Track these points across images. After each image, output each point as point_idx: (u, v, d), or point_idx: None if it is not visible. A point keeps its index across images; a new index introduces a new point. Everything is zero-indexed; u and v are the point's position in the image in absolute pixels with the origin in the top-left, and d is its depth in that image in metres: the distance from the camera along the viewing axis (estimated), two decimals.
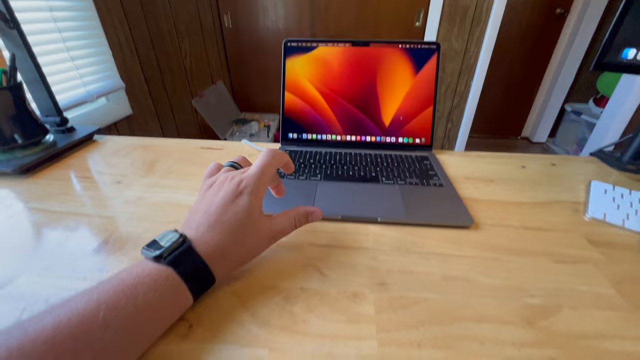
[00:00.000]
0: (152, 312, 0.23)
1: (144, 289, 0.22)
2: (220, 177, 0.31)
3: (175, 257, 0.25)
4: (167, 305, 0.24)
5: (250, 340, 0.25)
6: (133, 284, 0.22)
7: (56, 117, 0.59)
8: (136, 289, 0.22)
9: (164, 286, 0.23)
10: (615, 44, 0.45)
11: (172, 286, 0.24)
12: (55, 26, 0.82)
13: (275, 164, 0.31)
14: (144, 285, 0.23)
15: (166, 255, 0.24)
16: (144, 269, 0.24)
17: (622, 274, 0.32)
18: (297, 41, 0.56)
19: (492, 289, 0.30)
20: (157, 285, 0.23)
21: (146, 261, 0.25)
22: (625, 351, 0.24)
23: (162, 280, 0.23)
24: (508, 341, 0.25)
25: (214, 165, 0.34)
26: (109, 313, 0.20)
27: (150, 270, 0.24)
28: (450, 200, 0.42)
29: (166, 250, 0.25)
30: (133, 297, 0.22)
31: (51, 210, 0.42)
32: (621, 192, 0.44)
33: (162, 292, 0.23)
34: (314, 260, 0.33)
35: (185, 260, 0.25)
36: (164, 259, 0.24)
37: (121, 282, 0.22)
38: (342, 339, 0.25)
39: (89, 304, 0.20)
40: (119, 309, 0.21)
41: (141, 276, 0.23)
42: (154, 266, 0.24)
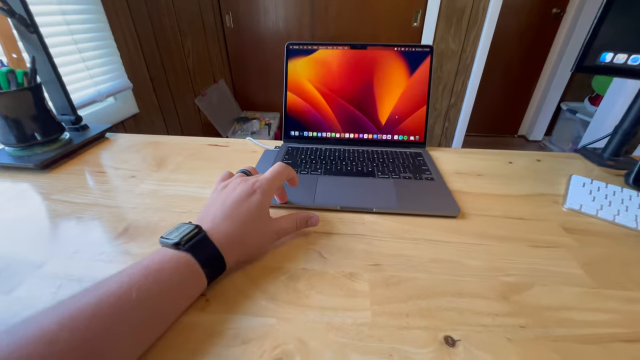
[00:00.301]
0: (175, 294, 0.26)
1: (168, 273, 0.26)
2: (234, 180, 0.36)
3: (193, 244, 0.28)
4: (187, 288, 0.27)
5: (261, 311, 0.29)
6: (157, 269, 0.26)
7: (71, 116, 0.63)
8: (160, 273, 0.25)
9: (184, 271, 0.27)
10: (594, 48, 0.49)
11: (191, 271, 0.27)
12: (68, 29, 0.85)
13: (285, 174, 0.37)
14: (167, 269, 0.26)
15: (184, 242, 0.28)
16: (165, 255, 0.27)
17: (591, 257, 0.36)
18: (299, 44, 0.60)
19: (473, 269, 0.34)
20: (178, 270, 0.26)
21: (165, 249, 0.28)
22: (584, 320, 0.28)
23: (182, 265, 0.27)
24: (484, 312, 0.29)
25: (226, 172, 0.39)
26: (140, 294, 0.24)
27: (171, 257, 0.27)
28: (440, 193, 0.46)
29: (183, 238, 0.28)
30: (157, 281, 0.25)
31: (73, 201, 0.45)
32: (598, 185, 0.48)
33: (183, 276, 0.27)
34: (315, 245, 0.37)
35: (202, 247, 0.28)
36: (182, 246, 0.27)
37: (147, 267, 0.26)
38: (340, 310, 0.29)
39: (122, 286, 0.24)
40: (148, 290, 0.24)
41: (163, 262, 0.26)
42: (174, 253, 0.27)
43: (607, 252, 0.36)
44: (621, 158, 0.57)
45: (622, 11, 0.45)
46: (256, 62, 2.06)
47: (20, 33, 0.54)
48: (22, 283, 0.32)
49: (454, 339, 0.27)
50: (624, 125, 0.54)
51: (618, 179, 0.52)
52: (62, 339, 0.19)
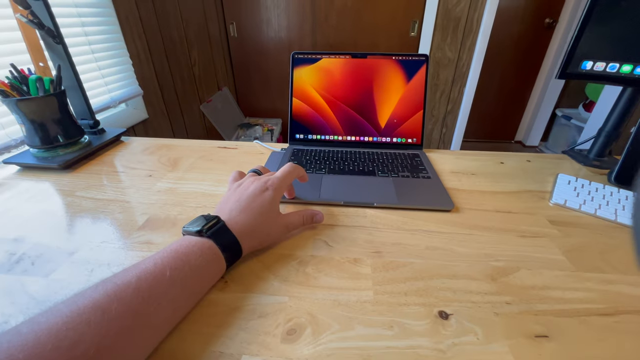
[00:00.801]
0: (201, 273, 0.29)
1: (195, 256, 0.29)
2: (248, 179, 0.40)
3: (214, 231, 0.32)
4: (211, 269, 0.31)
5: (274, 291, 0.32)
6: (186, 252, 0.29)
7: (90, 120, 0.67)
8: (188, 256, 0.29)
9: (208, 254, 0.30)
10: (576, 57, 0.53)
11: (214, 254, 0.31)
12: (86, 39, 0.90)
13: (295, 173, 0.41)
14: (194, 253, 0.29)
15: (206, 230, 0.31)
16: (190, 241, 0.30)
17: (573, 245, 0.39)
18: (304, 53, 0.64)
19: (465, 255, 0.37)
20: (203, 252, 0.30)
21: (189, 237, 0.32)
22: (563, 297, 0.32)
23: (206, 249, 0.30)
24: (474, 291, 0.32)
25: (237, 172, 0.43)
26: (173, 272, 0.27)
27: (197, 242, 0.30)
28: (436, 189, 0.50)
29: (205, 226, 0.32)
30: (187, 262, 0.28)
31: (96, 198, 0.49)
32: (582, 182, 0.51)
33: (207, 259, 0.30)
34: (322, 235, 0.41)
35: (222, 235, 0.32)
36: (205, 233, 0.31)
37: (176, 251, 0.29)
38: (346, 290, 0.33)
39: (156, 266, 0.27)
40: (179, 270, 0.28)
41: (190, 246, 0.30)
42: (198, 239, 0.31)
43: (587, 241, 0.40)
44: (605, 158, 0.60)
45: (600, 23, 0.50)
46: (259, 70, 2.12)
47: (47, 44, 0.58)
48: (57, 268, 0.35)
49: (447, 313, 0.30)
50: (607, 128, 0.59)
51: (602, 178, 0.56)
52: (113, 308, 0.23)
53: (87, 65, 0.94)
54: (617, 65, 0.50)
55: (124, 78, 1.08)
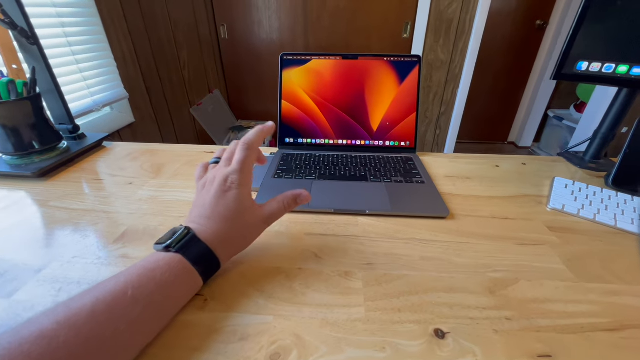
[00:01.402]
0: (170, 290, 0.27)
1: (161, 272, 0.27)
2: (209, 176, 0.35)
3: (182, 245, 0.29)
4: (182, 285, 0.28)
5: (258, 310, 0.30)
6: (152, 268, 0.27)
7: (69, 125, 0.64)
8: (155, 271, 0.27)
9: (177, 269, 0.28)
10: (571, 57, 0.52)
11: (183, 269, 0.28)
12: (66, 41, 0.87)
13: (251, 158, 0.35)
14: (161, 268, 0.27)
15: (174, 245, 0.29)
16: (158, 257, 0.28)
17: (573, 253, 0.37)
18: (293, 55, 0.62)
19: (462, 266, 0.35)
20: (171, 267, 0.27)
21: (159, 253, 0.29)
22: (566, 311, 0.30)
23: (174, 264, 0.28)
24: (472, 306, 0.30)
25: (202, 167, 0.39)
26: (136, 291, 0.25)
27: (164, 258, 0.28)
28: (430, 195, 0.48)
29: (173, 241, 0.29)
30: (153, 278, 0.26)
31: (71, 208, 0.46)
32: (580, 186, 0.50)
33: (176, 274, 0.27)
34: (311, 246, 0.38)
35: (192, 247, 0.29)
36: (173, 248, 0.29)
37: (142, 267, 0.27)
38: (335, 307, 0.30)
39: (117, 284, 0.25)
40: (144, 287, 0.25)
41: (157, 262, 0.27)
42: (166, 254, 0.28)
43: (588, 249, 0.38)
44: (601, 161, 0.59)
45: (595, 22, 0.49)
46: (250, 72, 2.10)
47: (21, 45, 0.55)
48: (22, 287, 0.32)
49: (444, 331, 0.28)
50: (603, 130, 0.57)
51: (599, 181, 0.54)
52: (61, 336, 0.20)
53: (67, 68, 0.90)
54: (613, 66, 0.49)
55: (108, 81, 1.04)
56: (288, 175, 0.53)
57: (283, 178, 0.52)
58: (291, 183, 0.51)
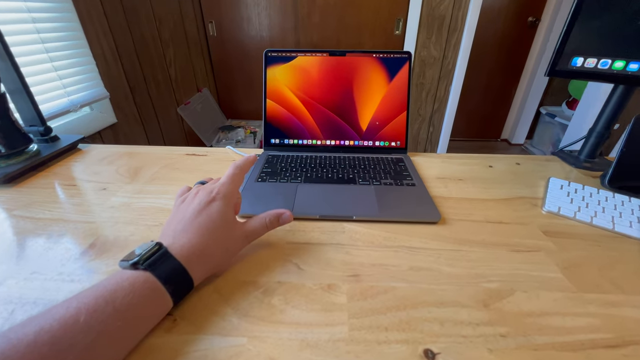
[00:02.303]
0: (132, 315, 0.24)
1: (123, 293, 0.24)
2: (192, 191, 0.34)
3: (151, 261, 0.26)
4: (146, 308, 0.25)
5: (231, 330, 0.27)
6: (112, 289, 0.24)
7: (40, 127, 0.60)
8: (115, 293, 0.23)
9: (142, 289, 0.25)
10: (565, 53, 0.50)
11: (151, 289, 0.25)
12: (38, 37, 0.82)
13: (242, 171, 0.35)
14: (123, 289, 0.24)
15: (142, 261, 0.26)
16: (122, 276, 0.25)
17: (570, 260, 0.35)
18: (277, 51, 0.59)
19: (453, 277, 0.33)
20: (134, 288, 0.24)
21: (124, 270, 0.26)
22: (564, 326, 0.28)
23: (139, 284, 0.25)
24: (465, 322, 0.28)
25: (185, 187, 0.37)
26: (89, 317, 0.22)
27: (129, 277, 0.25)
28: (421, 198, 0.45)
29: (142, 257, 0.26)
30: (112, 301, 0.23)
31: (37, 217, 0.42)
32: (575, 187, 0.48)
33: (141, 295, 0.24)
34: (292, 256, 0.36)
35: (162, 264, 0.26)
36: (140, 265, 0.26)
37: (101, 288, 0.24)
38: (316, 326, 0.28)
39: (68, 310, 0.22)
40: (99, 313, 0.22)
41: (119, 282, 0.24)
42: (131, 273, 0.25)
43: (585, 255, 0.36)
44: (596, 160, 0.58)
45: (591, 16, 0.47)
46: (240, 70, 2.06)
47: None
48: None
49: (434, 352, 0.26)
50: (598, 128, 0.56)
51: (594, 181, 0.53)
52: None
53: (40, 66, 0.86)
54: (609, 62, 0.47)
55: (86, 79, 0.99)
56: (272, 178, 0.50)
57: (267, 182, 0.49)
58: (275, 187, 0.48)
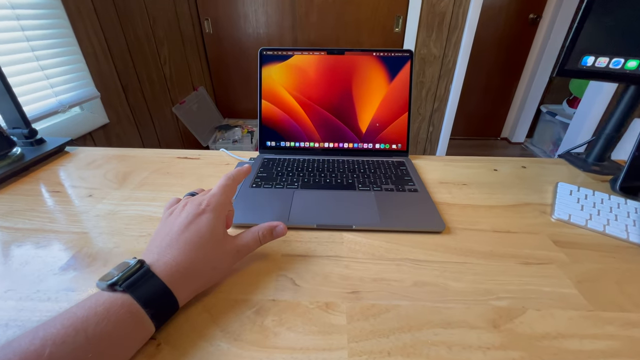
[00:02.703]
0: (107, 344, 0.21)
1: (96, 320, 0.21)
2: (180, 203, 0.32)
3: (131, 282, 0.24)
4: (124, 336, 0.22)
5: (220, 357, 0.25)
6: (84, 316, 0.21)
7: (24, 129, 0.57)
8: (87, 320, 0.21)
9: (118, 314, 0.22)
10: (575, 52, 0.47)
11: (129, 313, 0.23)
12: (23, 35, 0.79)
13: (234, 182, 0.33)
14: (97, 315, 0.21)
15: (122, 281, 0.23)
16: (97, 299, 0.23)
17: (584, 274, 0.33)
18: (273, 50, 0.57)
19: (460, 293, 0.31)
20: (110, 314, 0.22)
21: (101, 292, 0.24)
22: (582, 349, 0.25)
23: (116, 308, 0.22)
24: (475, 345, 0.26)
25: (174, 199, 0.35)
26: (55, 349, 0.19)
27: (105, 300, 0.22)
28: (424, 206, 0.43)
29: (122, 277, 0.24)
30: (83, 329, 0.21)
31: (15, 227, 0.40)
32: (585, 193, 0.46)
33: (117, 321, 0.22)
34: (287, 271, 0.33)
35: (143, 285, 0.24)
36: (119, 286, 0.23)
37: (72, 315, 0.21)
38: (313, 351, 0.25)
39: (33, 342, 0.19)
40: (68, 344, 0.20)
41: (93, 307, 0.22)
42: (108, 295, 0.23)
43: (600, 268, 0.34)
44: (605, 163, 0.55)
45: (603, 13, 0.44)
46: (237, 69, 2.02)
47: None
48: None
49: None
50: (607, 130, 0.53)
51: (604, 185, 0.50)
52: None
53: (24, 65, 0.82)
54: (621, 61, 0.45)
55: (75, 79, 0.96)
56: (267, 184, 0.48)
57: (262, 187, 0.47)
58: (271, 193, 0.46)
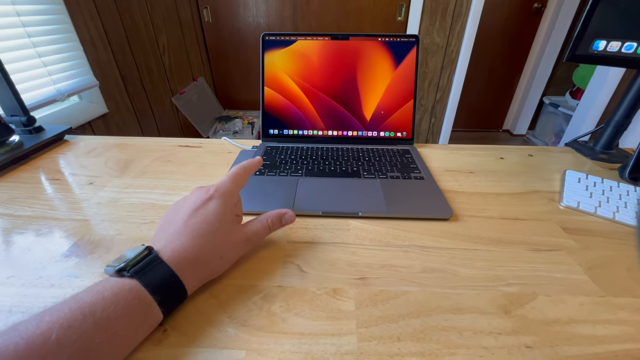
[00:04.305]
0: (114, 329, 0.21)
1: (103, 305, 0.21)
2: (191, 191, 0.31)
3: (139, 268, 0.23)
4: (132, 321, 0.22)
5: (227, 342, 0.24)
6: (92, 301, 0.21)
7: (22, 117, 0.56)
8: (95, 305, 0.21)
9: (126, 299, 0.22)
10: (587, 36, 0.46)
11: (137, 299, 0.22)
12: (19, 20, 0.77)
13: (246, 172, 0.32)
14: (104, 300, 0.21)
15: (130, 267, 0.23)
16: (105, 285, 0.22)
17: (594, 260, 0.33)
18: (276, 35, 0.55)
19: (470, 279, 0.30)
20: (118, 299, 0.21)
21: (109, 277, 0.23)
22: (595, 334, 0.25)
23: (124, 294, 0.22)
24: (485, 330, 0.25)
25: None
26: (62, 334, 0.19)
27: (113, 286, 0.22)
28: (431, 193, 0.42)
29: (130, 262, 0.23)
30: (91, 314, 0.20)
31: (16, 214, 0.39)
32: (594, 180, 0.45)
33: (125, 306, 0.22)
34: (294, 257, 0.33)
35: (151, 270, 0.24)
36: (127, 272, 0.23)
37: (79, 300, 0.21)
38: (322, 336, 0.25)
39: (39, 325, 0.19)
40: (75, 328, 0.19)
41: (101, 291, 0.22)
42: (116, 280, 0.23)
43: (611, 254, 0.34)
44: (613, 151, 0.55)
45: None
46: (237, 59, 1.99)
47: None
48: None
49: None
50: (616, 117, 0.52)
51: (612, 173, 0.50)
52: None
53: (22, 52, 0.81)
54: (634, 45, 0.44)
55: (73, 67, 0.94)
56: (271, 171, 0.47)
57: (265, 175, 0.46)
58: (275, 181, 0.45)
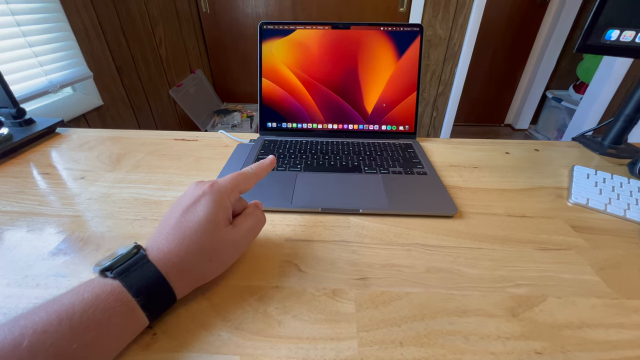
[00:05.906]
0: (93, 334, 0.19)
1: (82, 307, 0.19)
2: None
3: (123, 268, 0.22)
4: (113, 326, 0.20)
5: (220, 347, 0.23)
6: (71, 302, 0.19)
7: (11, 109, 0.54)
8: (73, 307, 0.19)
9: (107, 302, 0.20)
10: (599, 25, 0.44)
11: (119, 301, 0.21)
12: (8, 8, 0.74)
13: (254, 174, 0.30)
14: (83, 302, 0.20)
15: (115, 267, 0.22)
16: (87, 286, 0.21)
17: (606, 260, 0.31)
18: (274, 24, 0.53)
19: (476, 280, 0.29)
20: (99, 301, 0.20)
21: (94, 278, 0.22)
22: (607, 339, 0.24)
23: (105, 295, 0.20)
24: (493, 335, 0.24)
25: None
26: (36, 339, 0.18)
27: (94, 286, 0.21)
28: (434, 189, 0.41)
29: (116, 261, 0.22)
30: (68, 318, 0.19)
31: (3, 210, 0.38)
32: (603, 176, 0.44)
33: (106, 309, 0.20)
34: (291, 256, 0.31)
35: (135, 271, 0.22)
36: (111, 272, 0.21)
37: (58, 302, 0.19)
38: (320, 341, 0.24)
39: (12, 331, 0.17)
40: (50, 333, 0.18)
41: (81, 293, 0.20)
42: (99, 281, 0.21)
43: (622, 254, 0.32)
44: (622, 146, 0.53)
45: None
46: (236, 50, 1.96)
47: None
48: None
49: None
50: (627, 111, 0.51)
51: (621, 169, 0.48)
52: None
53: (11, 41, 0.78)
54: None
55: (66, 57, 0.92)
56: None
57: None
58: (272, 176, 0.43)
